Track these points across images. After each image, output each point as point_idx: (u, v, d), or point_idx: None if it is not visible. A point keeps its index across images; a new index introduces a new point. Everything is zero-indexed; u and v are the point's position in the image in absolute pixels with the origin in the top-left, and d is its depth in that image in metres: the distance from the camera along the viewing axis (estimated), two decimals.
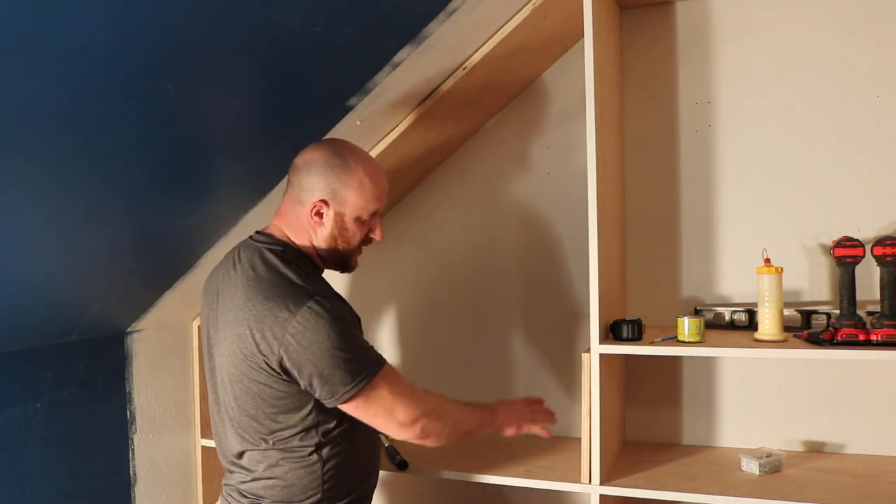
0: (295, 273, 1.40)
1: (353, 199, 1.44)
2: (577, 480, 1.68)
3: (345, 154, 1.45)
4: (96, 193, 1.32)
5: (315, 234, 1.47)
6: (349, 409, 1.40)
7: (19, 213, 1.22)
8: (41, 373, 1.59)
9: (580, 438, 1.69)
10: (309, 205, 1.44)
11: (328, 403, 1.38)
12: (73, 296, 1.57)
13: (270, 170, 1.68)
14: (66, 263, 1.44)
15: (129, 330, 1.85)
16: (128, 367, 1.85)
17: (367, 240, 1.52)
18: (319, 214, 1.44)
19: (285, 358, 1.33)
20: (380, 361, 1.42)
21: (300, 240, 1.47)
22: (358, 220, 1.47)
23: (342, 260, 1.51)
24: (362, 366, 1.38)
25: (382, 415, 1.41)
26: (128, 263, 1.61)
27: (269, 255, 1.43)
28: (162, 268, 1.74)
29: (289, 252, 1.45)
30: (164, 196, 1.49)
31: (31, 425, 1.56)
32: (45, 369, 1.60)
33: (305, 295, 1.35)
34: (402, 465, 1.83)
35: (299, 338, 1.32)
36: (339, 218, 1.45)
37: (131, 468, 1.85)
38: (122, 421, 1.83)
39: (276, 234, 1.48)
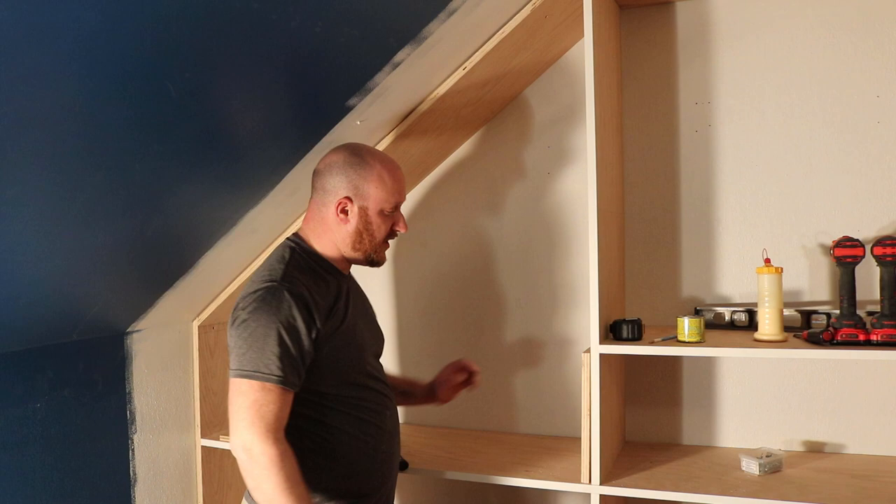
0: (286, 264, 1.44)
1: (375, 192, 1.50)
2: (577, 480, 1.68)
3: (362, 153, 1.52)
4: (96, 193, 1.32)
5: (340, 233, 1.51)
6: None
7: (19, 213, 1.22)
8: (41, 373, 1.59)
9: (580, 438, 1.69)
10: (333, 204, 1.49)
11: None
12: (73, 296, 1.57)
13: (270, 170, 1.68)
14: (66, 263, 1.44)
15: (129, 330, 1.84)
16: (128, 367, 1.84)
17: (392, 233, 1.56)
18: (345, 212, 1.50)
19: (229, 325, 1.41)
20: (272, 376, 1.33)
21: (319, 242, 1.52)
22: (381, 213, 1.52)
23: (369, 255, 1.54)
24: (258, 361, 1.33)
25: (234, 412, 1.33)
26: (128, 263, 1.61)
27: (278, 249, 1.51)
28: (162, 268, 1.74)
29: (297, 249, 1.50)
30: (164, 196, 1.49)
31: (31, 425, 1.56)
32: (45, 369, 1.60)
33: (269, 280, 1.40)
34: (402, 466, 1.82)
35: (238, 311, 1.38)
36: (363, 213, 1.50)
37: (131, 468, 1.85)
38: (122, 421, 1.83)
39: (300, 233, 1.55)
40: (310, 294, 1.41)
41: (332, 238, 1.52)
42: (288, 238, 1.54)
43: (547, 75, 2.09)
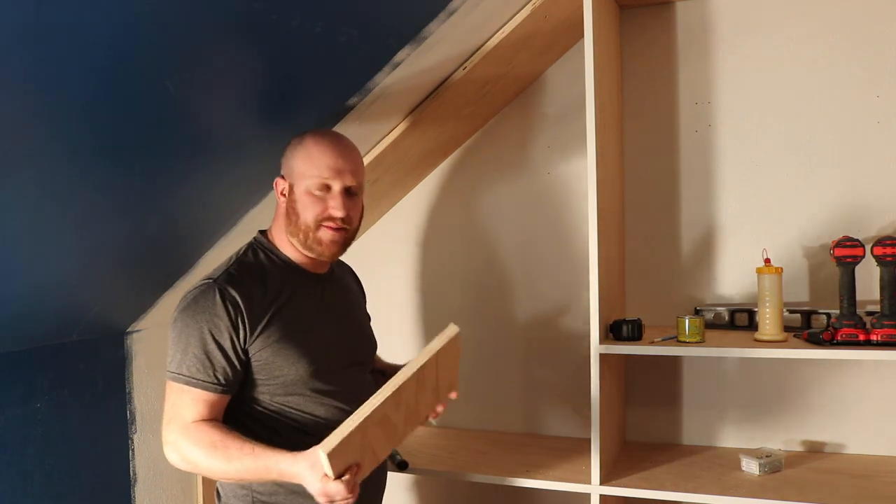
0: (231, 262, 1.42)
1: (300, 167, 1.41)
2: (578, 480, 1.68)
3: (306, 133, 1.45)
4: (96, 193, 1.32)
5: (281, 216, 1.45)
6: None
7: (19, 213, 1.22)
8: (41, 373, 1.59)
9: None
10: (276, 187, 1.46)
11: None
12: (73, 296, 1.57)
13: (270, 170, 1.67)
14: (65, 264, 1.44)
15: (129, 330, 1.84)
16: (128, 367, 1.84)
17: (328, 217, 1.40)
18: (283, 193, 1.44)
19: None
20: (193, 380, 1.31)
21: (275, 230, 1.47)
22: (308, 192, 1.39)
23: (306, 240, 1.41)
24: (180, 363, 1.33)
25: (165, 409, 1.35)
26: (128, 263, 1.61)
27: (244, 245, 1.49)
28: (162, 268, 1.73)
29: (256, 244, 1.47)
30: (164, 196, 1.49)
31: (31, 425, 1.56)
32: (45, 369, 1.60)
33: (206, 278, 1.38)
34: (402, 466, 1.82)
35: (176, 307, 1.37)
36: (291, 190, 1.42)
37: (131, 468, 1.84)
38: (122, 421, 1.82)
39: (270, 228, 1.50)
40: (245, 295, 1.34)
41: (280, 225, 1.45)
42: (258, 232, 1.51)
43: (547, 75, 2.09)
